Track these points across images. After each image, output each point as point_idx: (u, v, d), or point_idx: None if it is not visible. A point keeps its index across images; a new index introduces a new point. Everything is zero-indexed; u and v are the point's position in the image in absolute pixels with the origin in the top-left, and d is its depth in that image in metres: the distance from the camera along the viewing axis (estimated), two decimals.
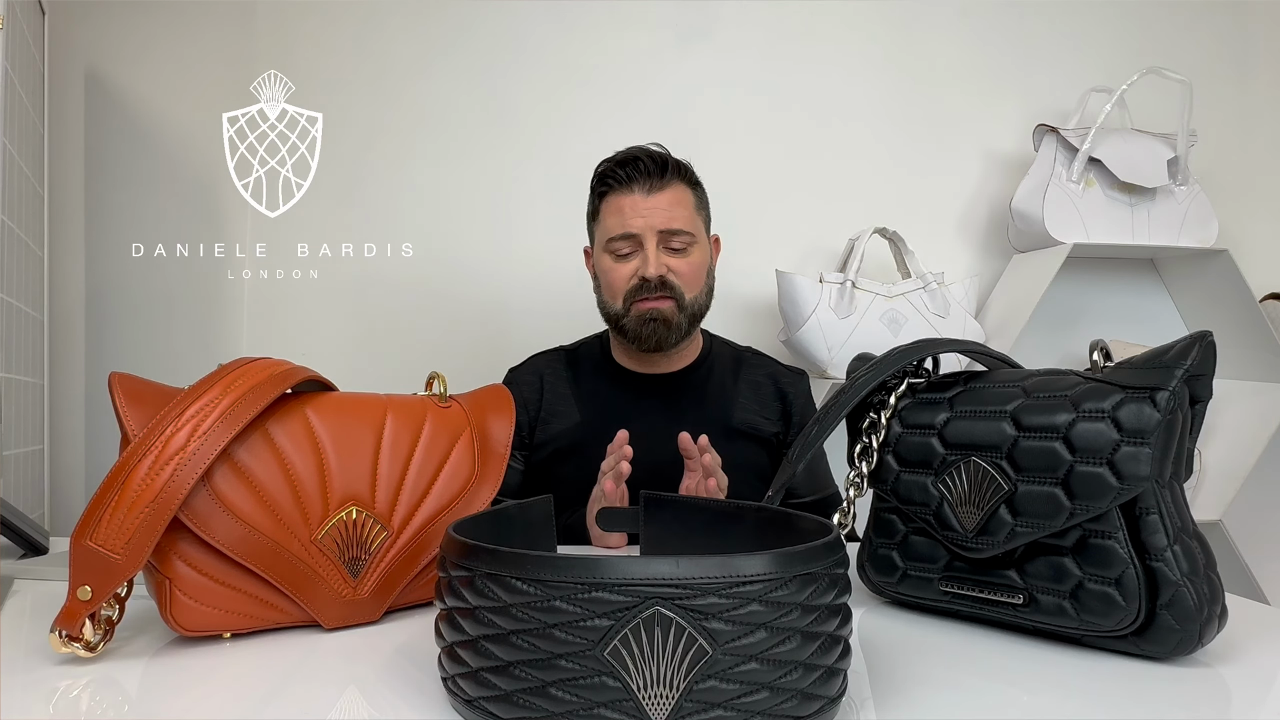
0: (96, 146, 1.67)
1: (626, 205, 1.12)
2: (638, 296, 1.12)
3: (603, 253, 1.16)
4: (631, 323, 1.13)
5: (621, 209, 1.12)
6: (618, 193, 1.13)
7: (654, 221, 1.11)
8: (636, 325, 1.12)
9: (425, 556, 0.64)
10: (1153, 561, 0.54)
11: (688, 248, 1.13)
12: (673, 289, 1.12)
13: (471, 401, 0.72)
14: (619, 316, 1.14)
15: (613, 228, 1.13)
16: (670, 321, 1.12)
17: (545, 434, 1.18)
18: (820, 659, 0.41)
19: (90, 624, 0.51)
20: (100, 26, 1.68)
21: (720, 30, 1.86)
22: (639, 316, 1.12)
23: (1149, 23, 1.94)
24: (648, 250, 1.11)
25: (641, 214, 1.11)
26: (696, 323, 1.17)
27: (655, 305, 1.11)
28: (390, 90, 1.78)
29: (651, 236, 1.11)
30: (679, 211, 1.13)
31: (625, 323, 1.14)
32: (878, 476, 0.67)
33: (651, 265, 1.10)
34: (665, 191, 1.12)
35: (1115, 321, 1.89)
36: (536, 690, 0.39)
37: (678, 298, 1.12)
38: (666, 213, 1.11)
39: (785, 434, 1.21)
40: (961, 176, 1.91)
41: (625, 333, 1.15)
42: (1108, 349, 0.60)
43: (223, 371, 0.58)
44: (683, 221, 1.12)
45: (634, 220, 1.11)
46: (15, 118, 1.27)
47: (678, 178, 1.14)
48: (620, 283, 1.13)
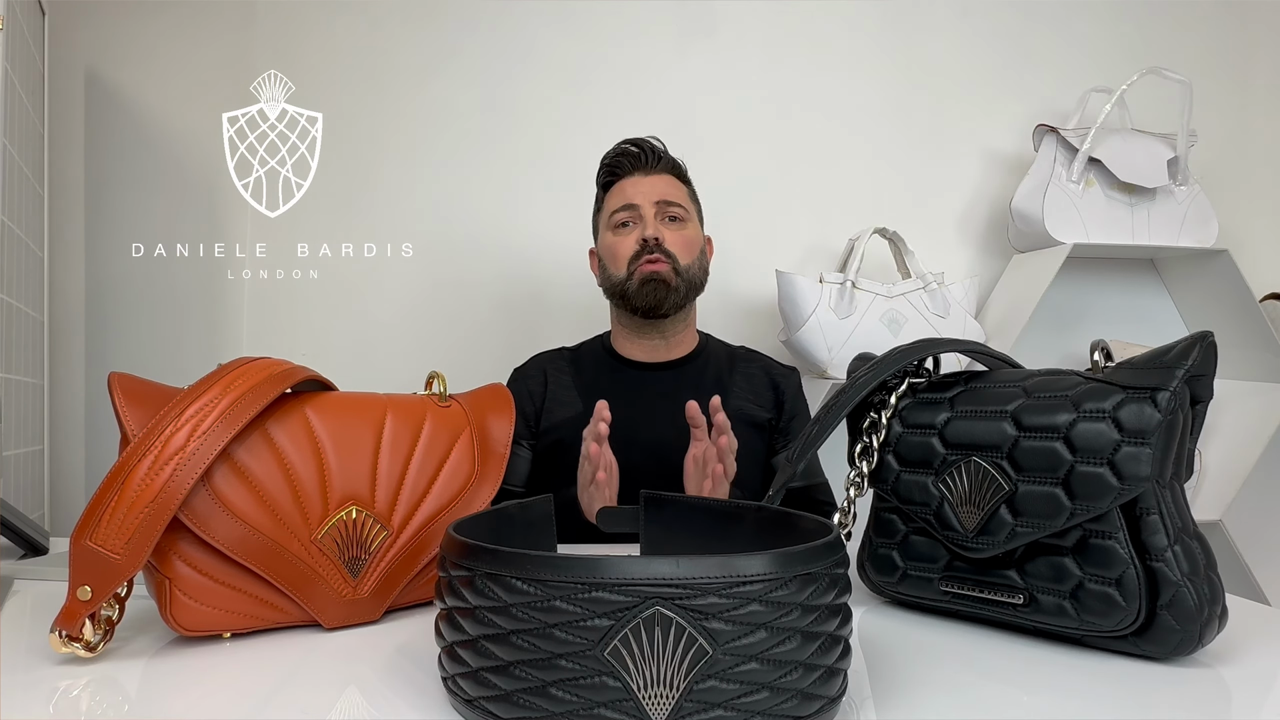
0: (96, 146, 1.67)
1: (628, 185, 1.26)
2: (639, 260, 1.21)
3: (606, 231, 1.27)
4: (634, 285, 1.21)
5: (623, 189, 1.26)
6: (618, 181, 1.27)
7: (651, 194, 1.23)
8: (638, 286, 1.20)
9: (425, 556, 0.64)
10: (1153, 562, 0.53)
11: (682, 220, 1.24)
12: (669, 255, 1.21)
13: (471, 401, 0.72)
14: (622, 283, 1.22)
15: (614, 204, 1.26)
16: (669, 283, 1.20)
17: (549, 422, 1.23)
18: (820, 659, 0.41)
19: (90, 624, 0.51)
20: (100, 26, 1.68)
21: (721, 32, 1.86)
22: (641, 278, 1.20)
23: (1149, 23, 1.94)
24: (646, 216, 1.22)
25: (640, 189, 1.24)
26: (692, 293, 1.25)
27: (655, 268, 1.20)
28: (390, 90, 1.78)
29: (649, 206, 1.23)
30: (674, 190, 1.26)
31: (628, 286, 1.21)
32: (878, 476, 0.67)
33: (650, 226, 1.21)
34: (662, 175, 1.26)
35: (1115, 321, 1.89)
36: (536, 690, 0.39)
37: (673, 263, 1.21)
38: (663, 187, 1.25)
39: (779, 420, 1.27)
40: (961, 177, 1.91)
41: (628, 298, 1.22)
42: (1108, 349, 0.60)
43: (222, 371, 0.57)
44: (677, 196, 1.25)
45: (634, 195, 1.24)
46: (15, 118, 1.27)
47: (672, 170, 1.28)
48: (624, 251, 1.23)
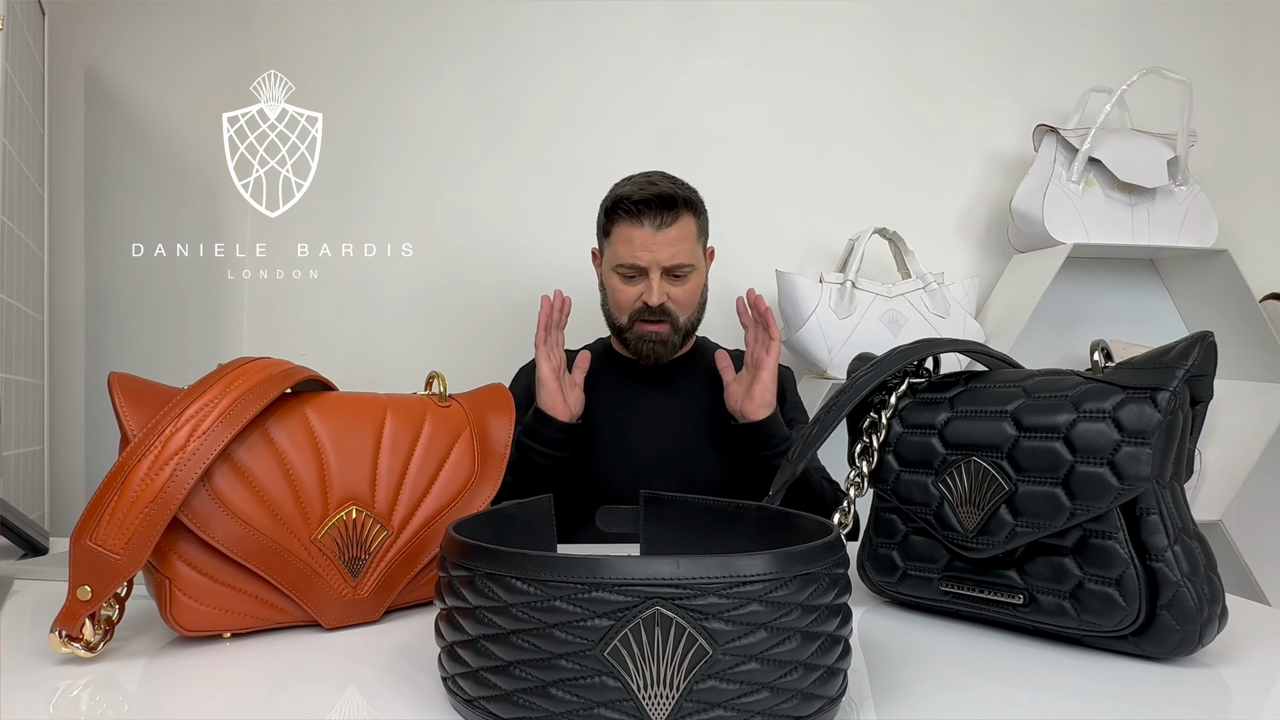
0: (96, 146, 1.67)
1: (636, 238, 1.20)
2: (640, 318, 1.23)
3: (611, 272, 1.25)
4: (633, 338, 1.25)
5: (631, 240, 1.20)
6: (628, 222, 1.21)
7: (660, 258, 1.20)
8: (637, 342, 1.24)
9: (425, 556, 0.64)
10: (1153, 562, 0.53)
11: (687, 276, 1.24)
12: (669, 314, 1.23)
13: (471, 401, 0.72)
14: (622, 329, 1.26)
15: (622, 255, 1.22)
16: (666, 342, 1.24)
17: None
18: (820, 659, 0.41)
19: (90, 624, 0.51)
20: (100, 26, 1.68)
21: (721, 33, 1.86)
22: (640, 336, 1.24)
23: (1149, 23, 1.94)
24: (652, 281, 1.21)
25: (649, 249, 1.20)
26: (689, 337, 1.29)
27: (654, 329, 1.23)
28: (390, 90, 1.78)
29: (656, 270, 1.21)
30: (682, 247, 1.21)
31: (627, 336, 1.25)
32: (878, 476, 0.67)
33: (655, 295, 1.21)
34: (673, 227, 1.20)
35: (1115, 321, 1.89)
36: (536, 690, 0.39)
37: (673, 321, 1.24)
38: (671, 249, 1.20)
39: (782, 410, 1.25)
40: (961, 177, 1.91)
41: (627, 344, 1.27)
42: (1108, 349, 0.60)
43: (222, 371, 0.57)
44: (685, 256, 1.22)
45: (642, 254, 1.20)
46: (15, 118, 1.27)
47: (685, 211, 1.22)
48: (626, 303, 1.24)
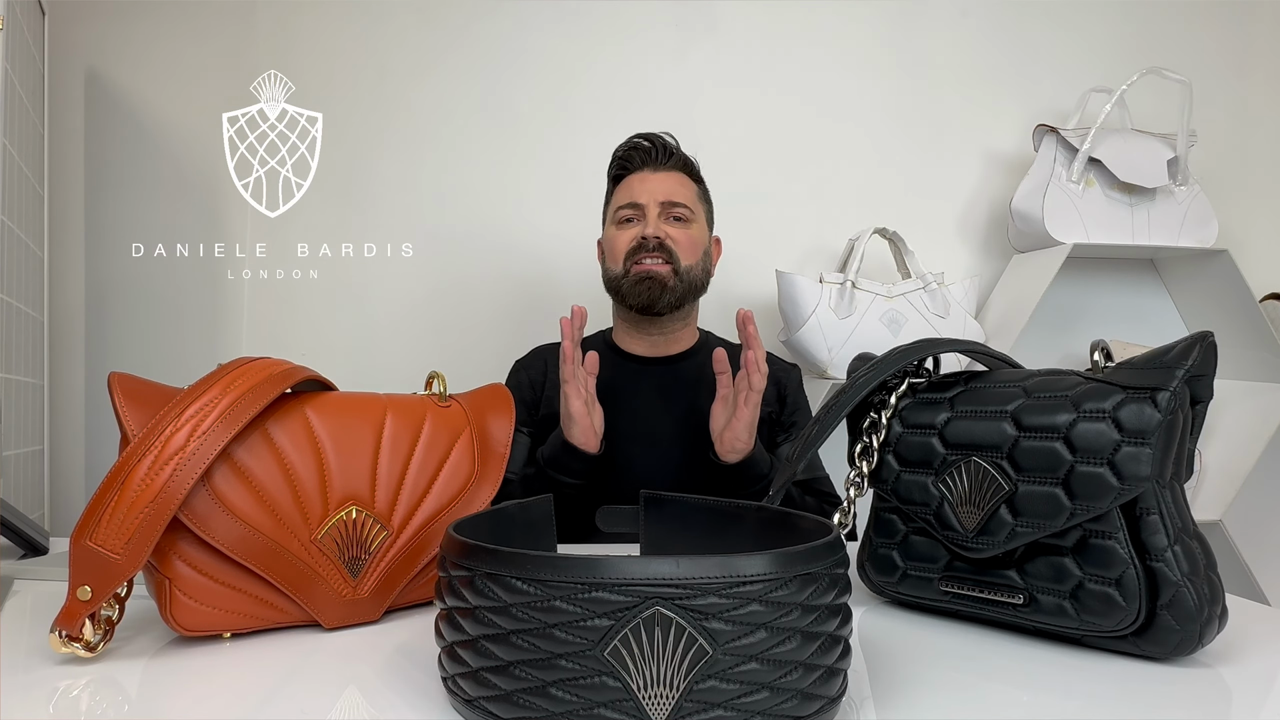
0: (96, 146, 1.67)
1: (635, 181, 1.22)
2: (636, 257, 1.18)
3: (610, 225, 1.24)
4: (628, 283, 1.18)
5: (630, 185, 1.22)
6: (627, 175, 1.23)
7: (657, 193, 1.19)
8: (632, 284, 1.17)
9: (425, 556, 0.64)
10: (1153, 562, 0.53)
11: (687, 220, 1.20)
12: (670, 254, 1.17)
13: (471, 401, 0.72)
14: (619, 278, 1.20)
15: (620, 199, 1.23)
16: (665, 284, 1.16)
17: (549, 408, 1.23)
18: (820, 659, 0.41)
19: (90, 624, 0.51)
20: (100, 26, 1.68)
21: (721, 30, 1.86)
22: (635, 276, 1.17)
23: (1149, 23, 1.94)
24: (649, 215, 1.19)
25: (647, 186, 1.20)
26: (691, 294, 1.21)
27: (651, 268, 1.17)
28: (390, 90, 1.78)
29: (654, 205, 1.19)
30: (681, 190, 1.21)
31: (623, 283, 1.19)
32: (878, 476, 0.66)
33: (651, 225, 1.18)
34: (671, 172, 1.22)
35: (1115, 321, 1.89)
36: (536, 690, 0.39)
37: (674, 263, 1.17)
38: (667, 186, 1.20)
39: (780, 414, 1.26)
40: (961, 176, 1.91)
41: (622, 294, 1.20)
42: (1108, 349, 0.60)
43: (222, 371, 0.57)
44: (682, 197, 1.20)
45: (639, 192, 1.20)
46: (15, 118, 1.27)
47: (683, 168, 1.23)
48: (622, 246, 1.20)
